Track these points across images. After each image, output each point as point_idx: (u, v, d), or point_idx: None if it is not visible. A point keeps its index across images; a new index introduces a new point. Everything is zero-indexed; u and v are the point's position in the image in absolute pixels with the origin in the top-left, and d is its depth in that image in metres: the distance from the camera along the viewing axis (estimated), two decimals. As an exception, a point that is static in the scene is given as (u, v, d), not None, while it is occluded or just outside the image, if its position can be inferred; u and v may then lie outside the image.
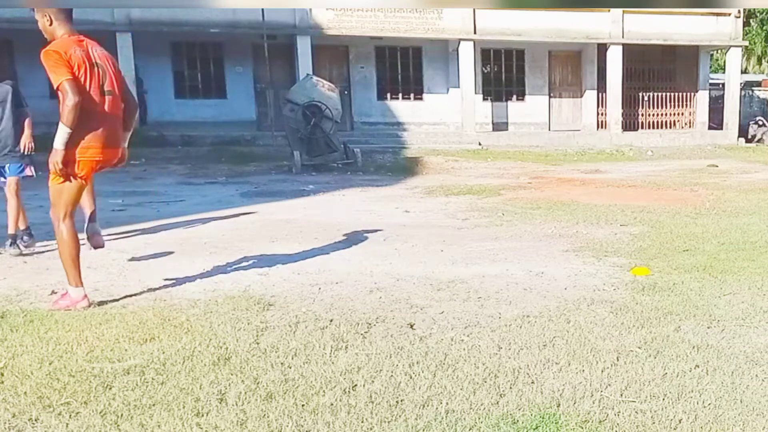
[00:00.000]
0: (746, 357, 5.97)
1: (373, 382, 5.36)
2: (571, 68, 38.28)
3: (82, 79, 7.12)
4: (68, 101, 6.93)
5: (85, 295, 7.44)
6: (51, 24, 7.19)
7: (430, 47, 35.38)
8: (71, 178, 7.24)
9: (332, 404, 4.95)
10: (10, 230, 10.25)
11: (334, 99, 24.26)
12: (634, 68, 37.33)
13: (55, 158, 7.09)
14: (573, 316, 7.12)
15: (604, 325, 6.82)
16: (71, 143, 7.14)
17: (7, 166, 10.41)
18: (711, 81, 41.89)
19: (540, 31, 33.72)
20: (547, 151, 31.91)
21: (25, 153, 10.43)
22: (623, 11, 35.19)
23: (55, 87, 7.00)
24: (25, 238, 10.33)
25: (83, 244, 7.74)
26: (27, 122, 10.59)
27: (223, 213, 13.00)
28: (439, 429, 4.63)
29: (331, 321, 6.87)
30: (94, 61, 7.23)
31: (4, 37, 29.82)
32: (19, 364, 5.66)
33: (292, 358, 5.85)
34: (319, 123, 23.63)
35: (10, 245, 10.19)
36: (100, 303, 7.50)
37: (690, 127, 39.36)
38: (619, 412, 4.89)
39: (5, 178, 10.44)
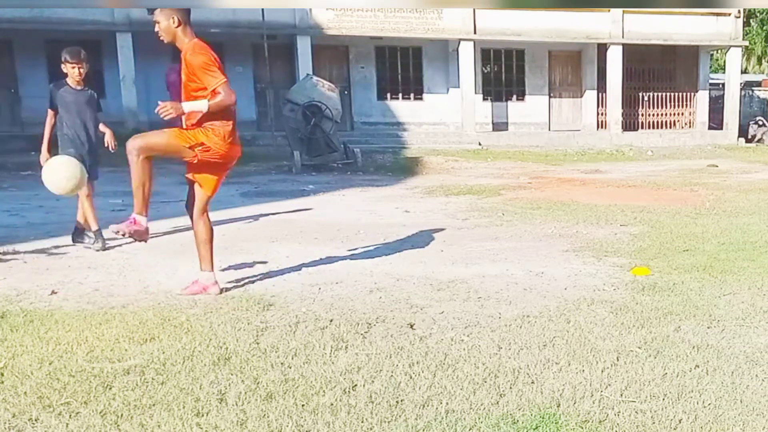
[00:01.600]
0: (746, 357, 5.98)
1: (373, 382, 5.37)
2: (571, 68, 38.29)
3: None
4: (226, 100, 7.26)
5: (216, 282, 7.77)
6: (177, 26, 7.32)
7: (430, 47, 35.38)
8: (193, 147, 7.51)
9: (332, 404, 4.96)
10: (95, 227, 10.60)
11: (334, 99, 24.26)
12: (634, 68, 37.35)
13: (174, 108, 7.27)
14: (573, 316, 7.13)
15: (604, 325, 6.82)
16: (218, 134, 7.57)
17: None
18: (711, 81, 41.90)
19: (540, 31, 33.73)
20: (547, 151, 31.91)
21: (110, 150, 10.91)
22: (623, 11, 35.22)
23: (210, 89, 7.16)
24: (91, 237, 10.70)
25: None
26: (103, 124, 10.92)
27: (224, 213, 12.98)
28: (439, 429, 4.64)
29: (331, 321, 6.88)
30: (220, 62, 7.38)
31: (5, 37, 29.80)
32: (19, 364, 5.66)
33: (292, 358, 5.85)
34: (319, 123, 23.62)
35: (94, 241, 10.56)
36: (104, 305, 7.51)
37: (690, 127, 39.37)
38: (619, 412, 4.90)
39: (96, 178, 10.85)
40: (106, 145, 10.74)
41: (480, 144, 32.16)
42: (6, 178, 20.36)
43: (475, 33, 33.39)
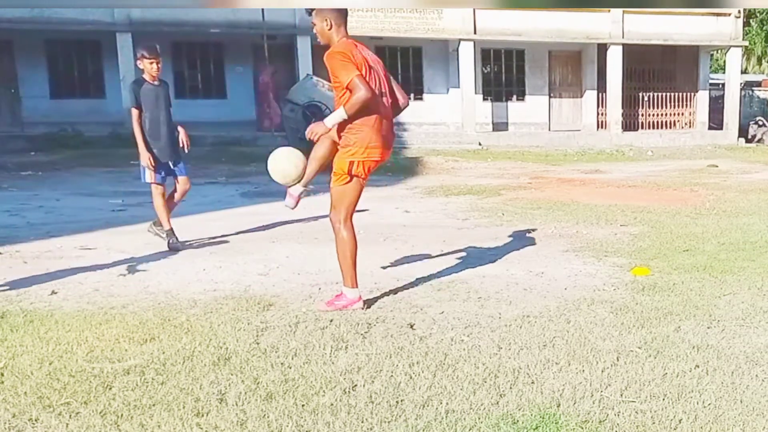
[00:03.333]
0: (746, 357, 5.98)
1: (373, 382, 5.37)
2: (571, 68, 38.31)
3: None
4: (359, 94, 6.98)
5: (360, 296, 7.56)
6: (330, 28, 7.30)
7: (430, 47, 35.40)
8: (351, 178, 7.46)
9: (332, 404, 4.96)
10: (167, 226, 10.74)
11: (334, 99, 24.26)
12: (634, 68, 37.39)
13: (319, 129, 7.26)
14: (573, 316, 7.13)
15: (604, 325, 6.82)
16: (357, 143, 7.36)
17: (181, 164, 10.93)
18: (711, 81, 41.95)
19: (540, 32, 33.75)
20: (547, 151, 31.92)
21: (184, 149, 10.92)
22: (623, 11, 35.27)
23: (344, 85, 7.06)
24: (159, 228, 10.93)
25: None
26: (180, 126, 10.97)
27: (224, 213, 12.99)
28: (439, 429, 4.64)
29: (331, 321, 6.88)
30: (370, 64, 7.31)
31: (5, 37, 29.86)
32: (19, 364, 5.67)
33: (292, 358, 5.86)
34: (320, 123, 23.60)
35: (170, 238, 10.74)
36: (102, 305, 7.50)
37: (690, 127, 39.40)
38: (619, 412, 4.90)
39: (175, 176, 10.92)
40: (180, 144, 10.77)
41: (480, 144, 32.16)
42: (6, 178, 20.34)
43: (475, 33, 33.41)
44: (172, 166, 10.68)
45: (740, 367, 5.75)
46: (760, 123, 39.52)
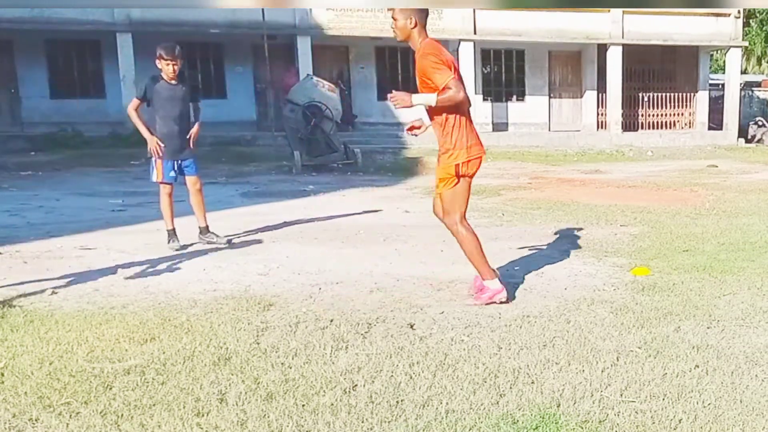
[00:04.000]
0: (746, 357, 5.98)
1: (373, 382, 5.37)
2: (571, 68, 38.37)
3: None
4: (456, 95, 7.20)
5: (504, 286, 7.71)
6: (414, 27, 7.40)
7: (430, 47, 35.37)
8: (459, 179, 7.53)
9: (333, 404, 4.96)
10: (202, 223, 11.06)
11: (334, 99, 24.27)
12: (634, 68, 37.45)
13: (404, 99, 7.37)
14: (573, 316, 7.14)
15: (604, 325, 6.83)
16: (458, 145, 7.51)
17: (190, 161, 10.99)
18: (711, 81, 42.02)
19: (540, 32, 33.77)
20: (547, 151, 31.92)
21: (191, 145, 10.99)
22: (623, 11, 35.33)
23: (439, 87, 7.19)
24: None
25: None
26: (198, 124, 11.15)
27: (223, 213, 13.00)
28: (439, 429, 4.64)
29: (332, 321, 6.88)
30: (455, 65, 7.42)
31: (5, 37, 29.91)
32: (19, 364, 5.67)
33: (293, 358, 5.86)
34: (320, 123, 23.63)
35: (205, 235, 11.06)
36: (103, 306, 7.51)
37: (690, 127, 39.46)
38: (619, 412, 4.90)
39: (185, 175, 10.96)
40: (188, 136, 10.85)
41: (480, 144, 32.11)
42: (6, 178, 20.36)
43: (475, 33, 33.45)
44: (181, 165, 10.70)
45: (740, 367, 5.75)
46: (760, 123, 39.57)
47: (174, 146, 10.63)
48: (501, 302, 7.59)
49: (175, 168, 10.67)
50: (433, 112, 7.45)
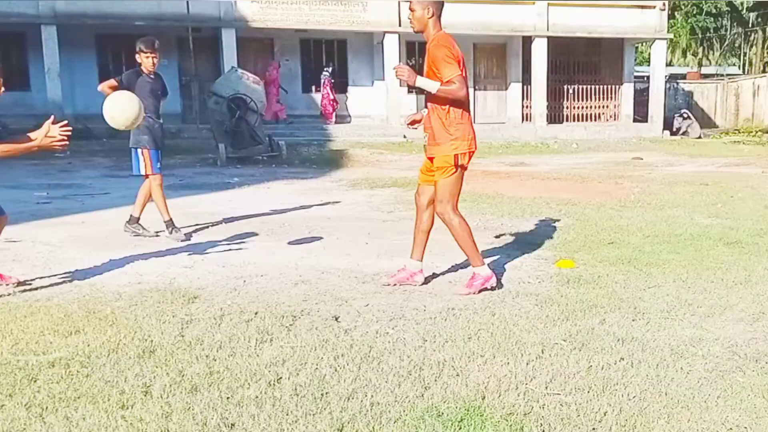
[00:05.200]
0: (671, 350, 6.04)
1: (298, 374, 5.39)
2: (495, 61, 38.55)
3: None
4: (458, 92, 7.37)
5: (494, 272, 7.95)
6: (431, 17, 7.60)
7: (354, 40, 35.44)
8: (457, 169, 7.68)
9: (257, 397, 4.98)
10: (167, 217, 11.05)
11: (258, 91, 24.21)
12: (559, 61, 37.71)
13: (409, 76, 7.55)
14: (498, 308, 7.19)
15: (528, 317, 6.89)
16: (460, 136, 7.62)
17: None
18: (636, 74, 42.51)
19: (465, 24, 33.78)
20: (470, 143, 31.97)
21: None
22: (548, 4, 35.62)
23: (444, 80, 7.33)
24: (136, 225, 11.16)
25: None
26: None
27: (148, 206, 12.92)
28: (363, 422, 4.67)
29: (256, 314, 6.90)
30: (463, 61, 7.55)
31: (18, 30, 30.16)
32: (-58, 357, 5.63)
33: (217, 351, 5.87)
34: (244, 116, 23.55)
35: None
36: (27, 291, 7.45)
37: (615, 119, 39.83)
38: (544, 404, 4.94)
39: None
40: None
41: (405, 137, 32.16)
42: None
43: (399, 25, 33.42)
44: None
45: (665, 359, 5.81)
46: (685, 115, 40.05)
47: (157, 137, 10.90)
48: (492, 288, 7.78)
49: (159, 158, 10.96)
50: (432, 100, 7.59)
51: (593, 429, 4.63)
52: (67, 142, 7.14)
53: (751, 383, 5.32)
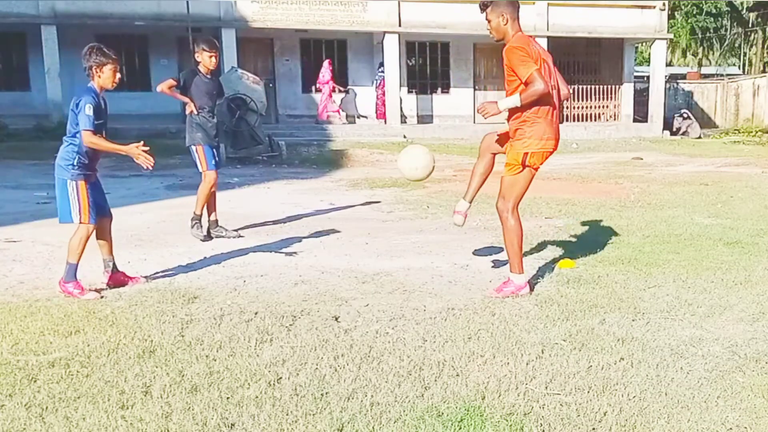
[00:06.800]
0: (671, 349, 6.05)
1: (298, 374, 5.39)
2: (496, 61, 38.42)
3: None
4: (538, 88, 7.21)
5: (528, 283, 7.80)
6: (506, 23, 7.52)
7: (354, 40, 35.40)
8: (524, 168, 7.71)
9: (257, 397, 4.98)
10: (199, 212, 11.05)
11: (259, 92, 24.19)
12: (559, 61, 37.09)
13: (491, 109, 7.62)
14: (498, 308, 7.18)
15: (529, 317, 6.89)
16: (534, 135, 7.56)
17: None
18: (636, 74, 42.43)
19: (465, 24, 33.74)
20: (471, 143, 31.87)
21: None
22: (548, 4, 35.53)
23: (523, 79, 7.26)
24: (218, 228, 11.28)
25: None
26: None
27: (148, 205, 12.93)
28: (363, 422, 4.67)
29: (256, 314, 6.90)
30: (543, 57, 7.49)
31: (18, 30, 30.13)
32: (-58, 357, 5.63)
33: (217, 351, 5.87)
34: (244, 116, 23.53)
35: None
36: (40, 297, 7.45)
37: (615, 119, 39.78)
38: (544, 404, 4.94)
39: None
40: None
41: (405, 137, 32.16)
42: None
43: (400, 26, 33.41)
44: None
45: (665, 359, 5.81)
46: (685, 116, 39.99)
47: (211, 135, 10.87)
48: (522, 295, 7.67)
49: (215, 155, 10.95)
50: (520, 110, 7.49)
51: (593, 429, 4.63)
52: (152, 161, 7.69)
53: (751, 383, 5.31)
